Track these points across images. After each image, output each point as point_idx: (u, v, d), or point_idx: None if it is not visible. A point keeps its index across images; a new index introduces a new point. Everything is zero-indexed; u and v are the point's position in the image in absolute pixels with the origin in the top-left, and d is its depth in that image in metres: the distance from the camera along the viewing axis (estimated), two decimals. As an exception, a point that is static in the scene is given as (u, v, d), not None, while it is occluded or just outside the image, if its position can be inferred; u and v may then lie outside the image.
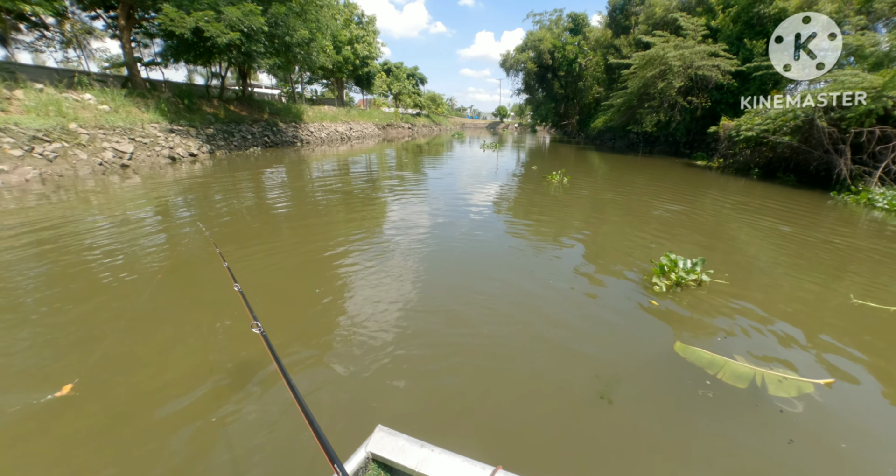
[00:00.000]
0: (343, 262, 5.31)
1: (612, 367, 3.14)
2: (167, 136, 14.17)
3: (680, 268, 4.53)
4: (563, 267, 5.32)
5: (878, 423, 2.64)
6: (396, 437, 1.48)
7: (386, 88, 48.44)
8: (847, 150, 11.73)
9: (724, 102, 21.41)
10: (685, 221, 8.30)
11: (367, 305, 4.07)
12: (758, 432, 2.49)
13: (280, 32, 17.80)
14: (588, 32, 39.61)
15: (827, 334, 3.76)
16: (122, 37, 16.21)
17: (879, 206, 9.94)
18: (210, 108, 18.59)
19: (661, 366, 3.15)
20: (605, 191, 11.94)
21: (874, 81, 11.26)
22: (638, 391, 2.90)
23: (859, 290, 4.81)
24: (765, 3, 18.89)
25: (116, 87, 15.41)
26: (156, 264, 5.02)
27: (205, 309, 3.96)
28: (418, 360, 3.20)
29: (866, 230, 8.21)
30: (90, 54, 20.69)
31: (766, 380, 2.83)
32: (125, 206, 7.70)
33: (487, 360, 3.23)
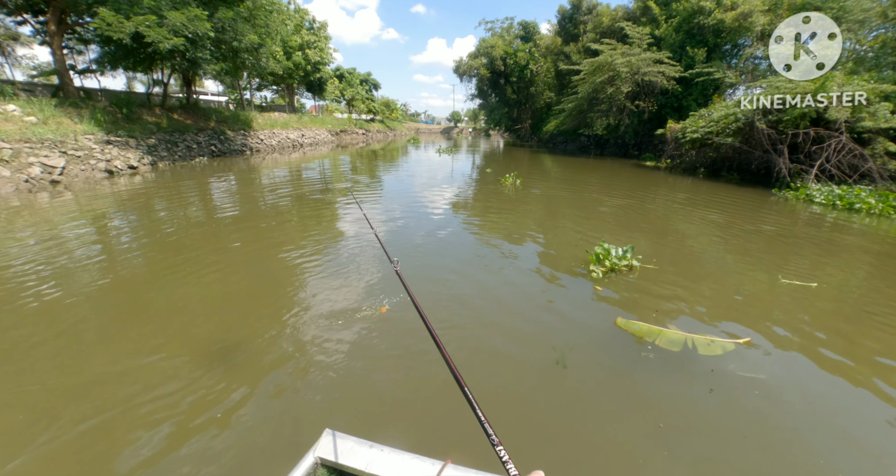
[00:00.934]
0: (300, 266, 5.28)
1: (563, 341, 3.58)
2: (103, 148, 12.97)
3: (612, 255, 5.07)
4: (515, 260, 5.73)
5: (786, 373, 3.19)
6: (345, 439, 1.48)
7: (339, 94, 47.47)
8: (785, 150, 12.72)
9: (670, 106, 22.70)
10: (632, 216, 8.94)
11: (325, 305, 4.13)
12: (686, 383, 3.02)
13: (227, 38, 16.89)
14: (538, 40, 40.83)
15: (750, 307, 4.36)
16: (52, 43, 14.87)
17: (818, 201, 10.82)
18: (152, 116, 17.27)
19: (607, 337, 3.65)
20: (557, 190, 12.66)
21: (806, 87, 12.31)
22: (588, 357, 3.38)
23: (790, 272, 5.39)
24: (704, 15, 20.26)
25: (46, 97, 14.09)
26: (92, 282, 4.63)
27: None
28: (376, 355, 3.28)
29: (802, 221, 9.05)
30: (15, 62, 18.75)
31: (696, 343, 3.35)
32: (53, 224, 6.90)
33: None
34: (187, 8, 14.02)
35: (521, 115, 47.82)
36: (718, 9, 19.80)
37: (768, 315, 4.15)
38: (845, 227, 8.51)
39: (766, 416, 2.68)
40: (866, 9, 15.49)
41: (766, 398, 2.86)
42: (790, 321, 4.05)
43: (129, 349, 3.37)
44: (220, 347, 3.38)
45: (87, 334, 3.62)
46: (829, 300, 4.58)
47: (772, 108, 13.08)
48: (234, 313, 4.01)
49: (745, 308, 4.33)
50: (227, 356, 3.26)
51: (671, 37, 22.48)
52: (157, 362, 3.18)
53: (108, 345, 3.45)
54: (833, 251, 6.74)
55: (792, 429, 2.58)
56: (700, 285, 4.91)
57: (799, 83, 12.72)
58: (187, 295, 4.40)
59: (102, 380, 2.98)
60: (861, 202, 10.14)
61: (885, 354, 3.45)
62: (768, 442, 2.45)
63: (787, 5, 17.84)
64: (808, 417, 2.70)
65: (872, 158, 11.60)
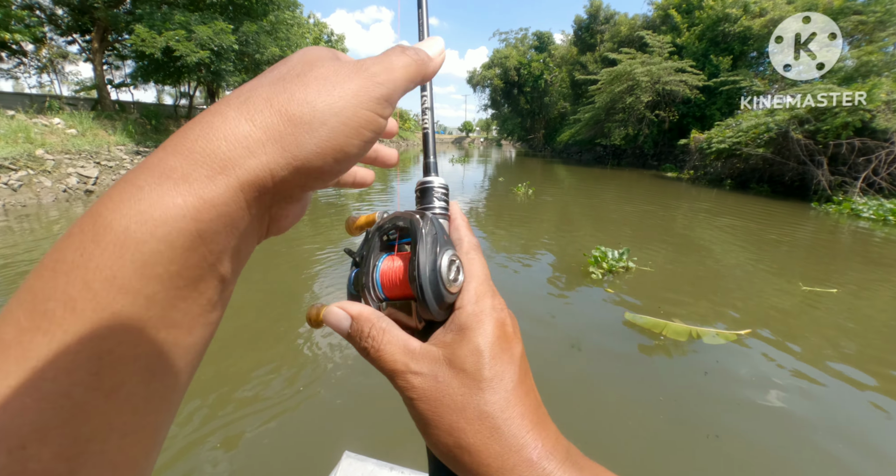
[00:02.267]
0: (311, 276, 5.23)
1: (577, 331, 3.95)
2: (133, 159, 13.10)
3: (609, 258, 5.39)
4: (526, 262, 6.07)
5: (775, 363, 3.44)
6: (365, 462, 1.43)
7: (353, 105, 47.91)
8: (825, 162, 12.16)
9: (692, 116, 22.37)
10: (649, 225, 9.11)
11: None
12: (688, 367, 3.39)
13: (250, 50, 17.14)
14: (553, 50, 40.92)
15: (753, 305, 4.63)
16: (94, 59, 15.70)
17: (865, 216, 10.20)
18: (177, 127, 17.46)
19: (617, 329, 3.95)
20: (570, 200, 12.74)
21: (847, 93, 11.74)
22: (601, 344, 3.73)
23: (811, 278, 5.49)
24: (729, 22, 19.92)
25: (86, 110, 14.57)
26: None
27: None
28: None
29: (843, 233, 8.79)
30: (63, 78, 19.69)
31: (701, 334, 3.69)
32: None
33: None
34: (214, 22, 14.27)
35: (535, 125, 47.81)
36: (745, 16, 19.43)
37: (783, 319, 4.32)
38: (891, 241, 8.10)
39: (756, 398, 2.99)
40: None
41: (757, 385, 3.13)
42: (791, 317, 4.37)
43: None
44: (224, 367, 3.22)
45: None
46: (845, 305, 4.71)
47: (808, 117, 12.58)
48: (243, 330, 3.83)
49: (756, 310, 4.50)
50: (233, 377, 3.11)
51: (693, 45, 22.22)
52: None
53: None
54: (864, 261, 6.67)
55: (777, 409, 2.88)
56: (704, 287, 5.18)
57: (839, 89, 12.11)
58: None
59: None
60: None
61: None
62: (755, 415, 2.82)
63: (822, 9, 17.36)
64: (793, 401, 2.99)
65: None
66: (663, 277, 5.41)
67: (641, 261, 5.89)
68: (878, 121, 11.37)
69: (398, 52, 0.27)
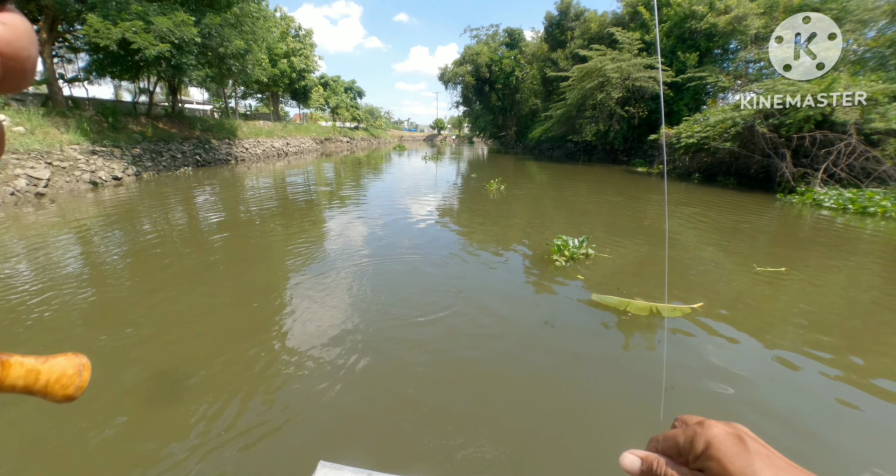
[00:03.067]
0: (286, 279, 5.16)
1: (550, 310, 4.34)
2: (88, 159, 12.20)
3: (571, 246, 5.76)
4: (501, 254, 6.36)
5: (722, 332, 3.90)
6: (341, 470, 1.41)
7: (323, 102, 46.80)
8: (788, 154, 12.65)
9: (660, 111, 22.91)
10: (616, 216, 9.71)
11: (310, 328, 3.90)
12: (648, 336, 3.86)
13: (214, 44, 16.31)
14: (524, 46, 41.14)
15: (708, 284, 5.17)
16: (42, 51, 14.32)
17: (827, 206, 10.65)
18: (137, 125, 16.45)
19: (586, 307, 4.37)
20: (541, 195, 13.13)
21: (809, 89, 12.22)
22: (572, 320, 4.16)
23: (764, 260, 6.05)
24: (696, 19, 20.44)
25: (36, 106, 13.42)
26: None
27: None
28: (365, 380, 3.12)
29: (813, 225, 9.14)
30: None
31: (660, 309, 4.11)
32: (38, 240, 6.27)
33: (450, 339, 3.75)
34: (174, 13, 13.48)
35: (507, 121, 48.08)
36: (711, 13, 19.99)
37: (736, 295, 4.85)
38: (847, 229, 8.53)
39: (704, 359, 3.46)
40: (872, 8, 15.64)
41: (705, 350, 3.61)
42: (740, 294, 4.88)
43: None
44: (191, 378, 3.11)
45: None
46: (794, 284, 5.20)
47: (773, 111, 13.02)
48: (214, 337, 3.72)
49: (710, 287, 5.05)
50: (201, 386, 3.00)
51: (662, 42, 22.74)
52: (133, 389, 2.95)
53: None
54: (818, 245, 7.32)
55: (720, 368, 3.34)
56: (662, 270, 5.61)
57: (801, 85, 12.57)
58: (168, 314, 4.13)
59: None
60: (875, 205, 9.90)
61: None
62: (703, 373, 3.28)
63: (783, 7, 18.03)
64: (734, 361, 3.46)
65: (883, 160, 11.50)
66: (622, 262, 5.89)
67: (610, 249, 6.42)
68: (836, 114, 11.90)
69: None
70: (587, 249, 5.93)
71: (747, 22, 18.92)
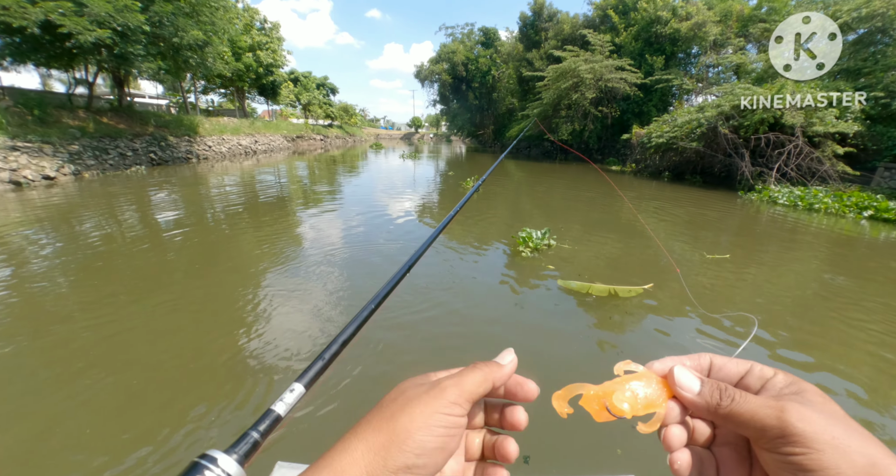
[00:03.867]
0: (259, 279, 5.06)
1: (521, 295, 4.78)
2: (7, 155, 11.12)
3: (535, 238, 6.14)
4: (475, 246, 6.73)
5: (668, 303, 4.58)
6: (297, 468, 1.29)
7: (294, 98, 45.50)
8: (747, 154, 13.00)
9: (631, 112, 22.98)
10: (586, 211, 10.17)
11: (278, 321, 3.94)
12: (606, 313, 4.29)
13: (166, 33, 15.29)
14: (500, 46, 40.91)
15: (662, 268, 5.67)
16: None
17: (781, 203, 11.10)
18: (74, 120, 15.26)
19: (553, 291, 4.78)
20: (515, 192, 13.45)
21: (763, 93, 12.67)
22: (540, 302, 4.60)
23: (711, 248, 6.80)
24: (661, 24, 20.65)
25: None
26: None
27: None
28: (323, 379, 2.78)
29: (767, 219, 9.49)
30: None
31: (618, 291, 4.59)
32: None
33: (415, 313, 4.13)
34: (114, -4, 12.38)
35: (484, 120, 47.78)
36: (674, 18, 20.25)
37: (686, 277, 5.42)
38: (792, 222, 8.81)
39: (653, 329, 4.01)
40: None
41: (655, 321, 4.16)
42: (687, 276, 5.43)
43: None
44: (150, 381, 2.99)
45: None
46: (737, 268, 5.80)
47: (732, 113, 13.31)
48: (174, 345, 3.50)
49: (664, 272, 5.56)
50: (159, 391, 2.90)
51: (631, 45, 22.79)
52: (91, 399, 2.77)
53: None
54: (760, 235, 8.12)
55: (662, 338, 3.86)
56: (619, 257, 6.27)
57: (756, 89, 13.13)
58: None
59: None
60: (819, 202, 10.50)
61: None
62: (651, 340, 3.83)
63: (735, 17, 18.54)
64: (674, 328, 4.05)
65: (823, 160, 12.14)
66: (585, 252, 6.41)
67: (579, 241, 6.94)
68: (785, 117, 12.41)
69: (470, 369, 0.39)
70: (549, 241, 6.31)
71: (706, 29, 19.47)
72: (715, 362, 0.41)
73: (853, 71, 15.29)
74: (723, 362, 0.41)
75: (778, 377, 0.37)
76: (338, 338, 0.68)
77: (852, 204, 10.14)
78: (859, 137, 13.10)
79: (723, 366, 0.40)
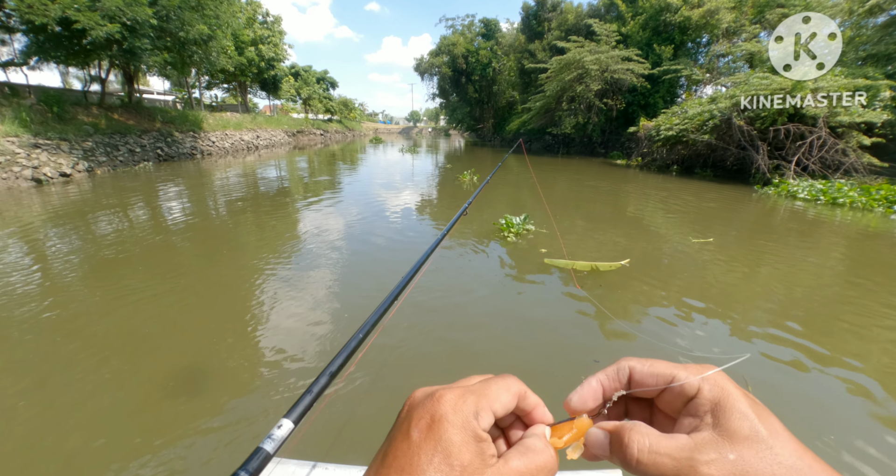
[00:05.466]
0: (262, 276, 5.07)
1: (508, 273, 5.28)
2: (30, 153, 11.07)
3: (515, 224, 6.62)
4: (467, 235, 6.88)
5: (641, 275, 5.13)
6: (286, 464, 1.32)
7: (294, 93, 45.13)
8: (764, 147, 12.76)
9: (636, 104, 22.93)
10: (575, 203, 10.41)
11: (282, 320, 3.91)
12: (591, 284, 4.75)
13: (172, 27, 15.19)
14: (500, 38, 40.62)
15: (645, 250, 6.18)
16: None
17: (801, 197, 10.80)
18: (88, 116, 15.15)
19: (544, 267, 5.28)
20: (513, 186, 13.40)
21: (783, 83, 12.31)
22: (527, 278, 5.04)
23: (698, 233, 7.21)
24: (670, 12, 20.40)
25: None
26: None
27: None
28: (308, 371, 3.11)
29: (789, 214, 9.09)
30: None
31: (600, 266, 5.11)
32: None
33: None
34: (124, -10, 12.29)
35: (484, 114, 47.62)
36: (685, 6, 19.99)
37: (645, 249, 6.15)
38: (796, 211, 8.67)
39: (629, 300, 4.46)
40: (831, 5, 15.89)
41: (630, 297, 4.54)
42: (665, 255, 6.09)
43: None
44: (145, 377, 2.99)
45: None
46: (716, 252, 6.11)
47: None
48: (176, 338, 3.57)
49: (634, 247, 6.26)
50: (158, 389, 2.89)
51: (638, 34, 22.64)
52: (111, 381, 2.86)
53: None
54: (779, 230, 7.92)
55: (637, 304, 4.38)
56: (592, 238, 6.85)
57: (774, 78, 12.72)
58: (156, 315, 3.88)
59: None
60: (844, 196, 10.14)
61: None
62: (625, 307, 4.27)
63: (751, 2, 18.22)
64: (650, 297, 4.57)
65: (849, 152, 11.84)
66: (560, 234, 6.77)
67: (566, 228, 7.39)
68: (806, 108, 12.09)
69: (515, 456, 0.32)
70: (528, 226, 6.79)
71: (719, 16, 19.02)
72: (634, 374, 0.37)
73: (883, 56, 14.65)
74: (642, 375, 0.37)
75: (703, 396, 0.33)
76: (325, 370, 0.66)
77: (881, 197, 9.77)
78: (888, 126, 12.66)
79: (642, 379, 0.36)
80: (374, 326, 0.79)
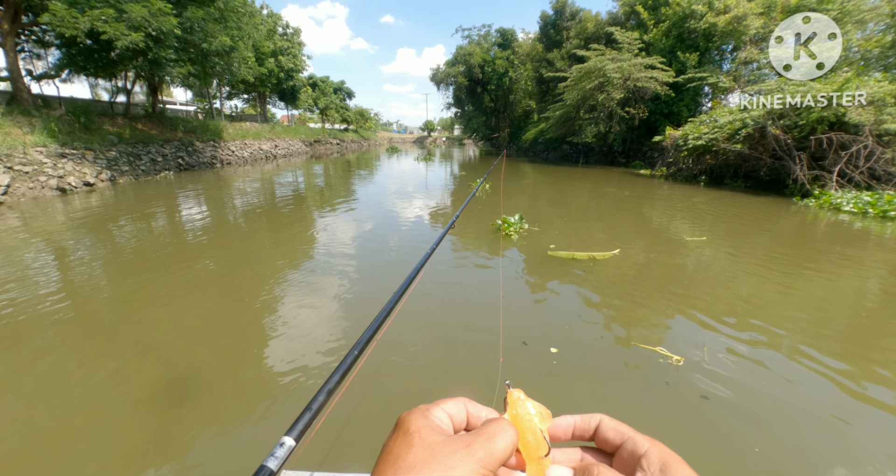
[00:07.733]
0: (282, 279, 5.27)
1: (515, 264, 6.00)
2: (56, 163, 11.13)
3: (514, 223, 7.33)
4: (472, 233, 7.55)
5: (632, 260, 6.06)
6: (301, 475, 1.29)
7: (312, 103, 45.65)
8: (803, 157, 12.15)
9: (660, 112, 22.42)
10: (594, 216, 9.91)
11: (288, 331, 3.91)
12: (588, 271, 5.51)
13: (196, 39, 15.33)
14: (517, 47, 40.56)
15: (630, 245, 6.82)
16: (4, 44, 13.09)
17: (846, 209, 10.17)
18: (113, 126, 15.32)
19: (546, 257, 6.03)
20: (528, 195, 13.44)
21: (821, 89, 11.77)
22: (534, 269, 5.71)
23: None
24: (695, 19, 19.92)
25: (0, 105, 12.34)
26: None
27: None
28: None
29: (835, 228, 8.49)
30: None
31: (596, 256, 5.97)
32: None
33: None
34: (149, 1, 12.43)
35: (499, 123, 47.49)
36: (710, 12, 19.51)
37: (638, 244, 6.93)
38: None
39: (617, 282, 5.15)
40: (872, 8, 15.29)
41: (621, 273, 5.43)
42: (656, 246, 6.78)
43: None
44: (161, 389, 3.01)
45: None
46: (709, 251, 6.62)
47: (787, 112, 12.54)
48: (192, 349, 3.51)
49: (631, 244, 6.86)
50: (171, 401, 2.91)
51: (661, 42, 22.22)
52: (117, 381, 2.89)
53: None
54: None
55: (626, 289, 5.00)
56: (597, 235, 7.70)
57: (812, 85, 12.18)
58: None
59: None
60: (895, 209, 9.51)
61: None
62: (620, 290, 4.93)
63: (780, 8, 17.65)
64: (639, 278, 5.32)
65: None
66: (556, 233, 7.49)
67: (568, 226, 8.27)
68: (850, 115, 11.48)
69: (497, 427, 0.36)
70: (524, 225, 7.51)
71: (747, 22, 18.43)
72: (601, 425, 0.42)
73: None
74: (606, 429, 0.41)
75: (651, 456, 0.37)
76: (323, 388, 0.67)
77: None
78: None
79: (605, 432, 0.41)
80: (367, 344, 0.82)
